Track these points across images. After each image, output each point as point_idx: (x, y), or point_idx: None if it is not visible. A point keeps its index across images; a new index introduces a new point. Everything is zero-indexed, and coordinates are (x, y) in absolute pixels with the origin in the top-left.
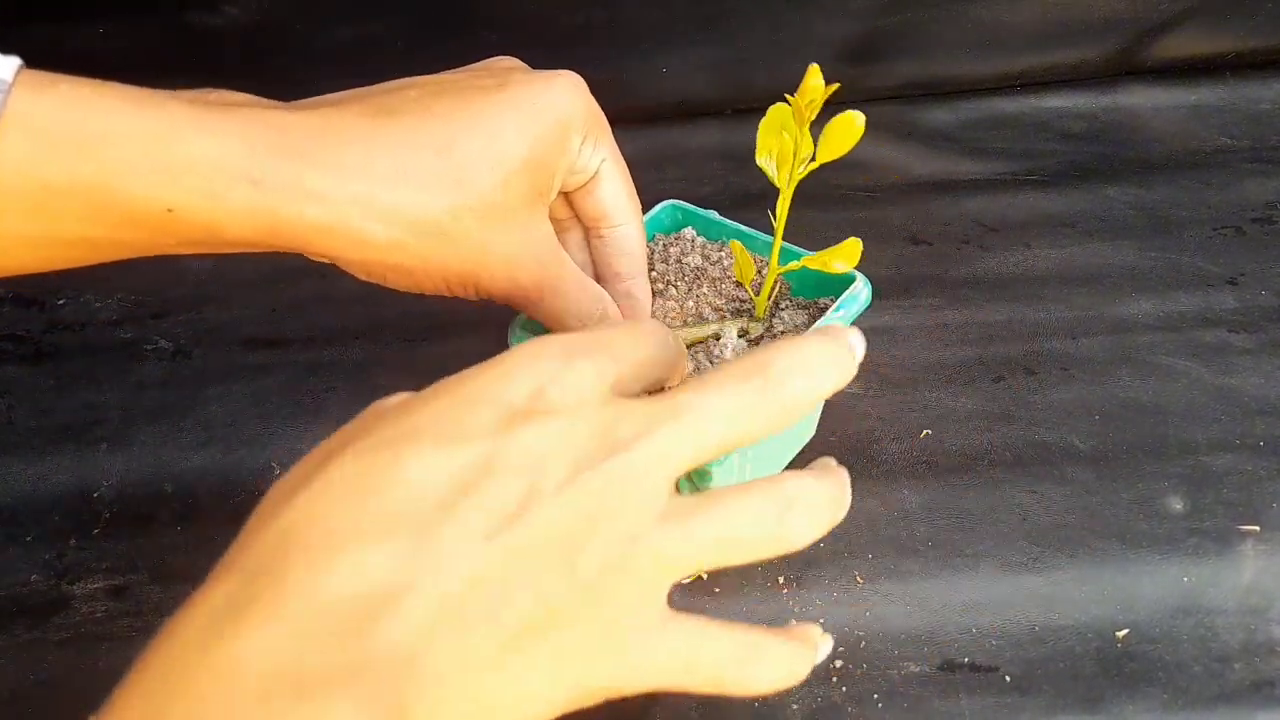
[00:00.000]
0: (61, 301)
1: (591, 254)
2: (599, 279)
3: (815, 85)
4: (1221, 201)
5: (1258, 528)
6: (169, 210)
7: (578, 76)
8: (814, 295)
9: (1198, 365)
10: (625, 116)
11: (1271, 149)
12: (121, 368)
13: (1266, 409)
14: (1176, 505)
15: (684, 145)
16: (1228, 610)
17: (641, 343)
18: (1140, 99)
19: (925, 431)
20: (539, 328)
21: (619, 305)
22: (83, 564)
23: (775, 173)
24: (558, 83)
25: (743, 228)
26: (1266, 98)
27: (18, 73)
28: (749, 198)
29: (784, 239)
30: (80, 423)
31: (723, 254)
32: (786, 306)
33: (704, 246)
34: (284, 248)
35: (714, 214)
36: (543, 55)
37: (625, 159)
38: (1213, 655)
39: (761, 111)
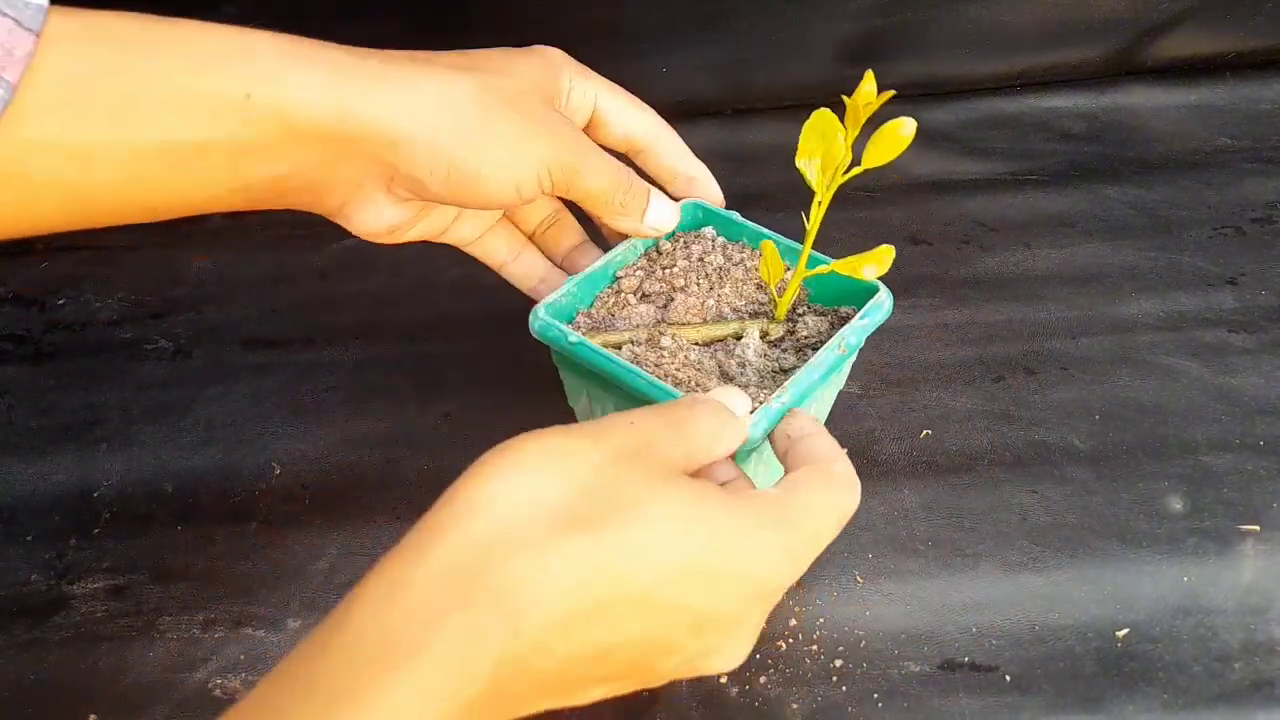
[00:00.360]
0: (61, 301)
1: (648, 176)
2: (664, 189)
3: (869, 90)
4: (1221, 201)
5: (1258, 528)
6: (247, 95)
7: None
8: (832, 303)
9: (1198, 365)
10: None
11: (1271, 149)
12: (121, 368)
13: (1266, 409)
14: (1176, 505)
15: None
16: (1228, 610)
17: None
18: (1140, 99)
19: (925, 431)
20: (561, 312)
21: (689, 191)
22: (83, 564)
23: (815, 177)
24: (540, 47)
25: (764, 230)
26: (1266, 98)
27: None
28: (749, 198)
29: (787, 240)
30: (80, 423)
31: (744, 255)
32: (804, 312)
33: (725, 246)
34: (350, 141)
35: (735, 215)
36: None
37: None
38: (1213, 655)
39: (762, 111)
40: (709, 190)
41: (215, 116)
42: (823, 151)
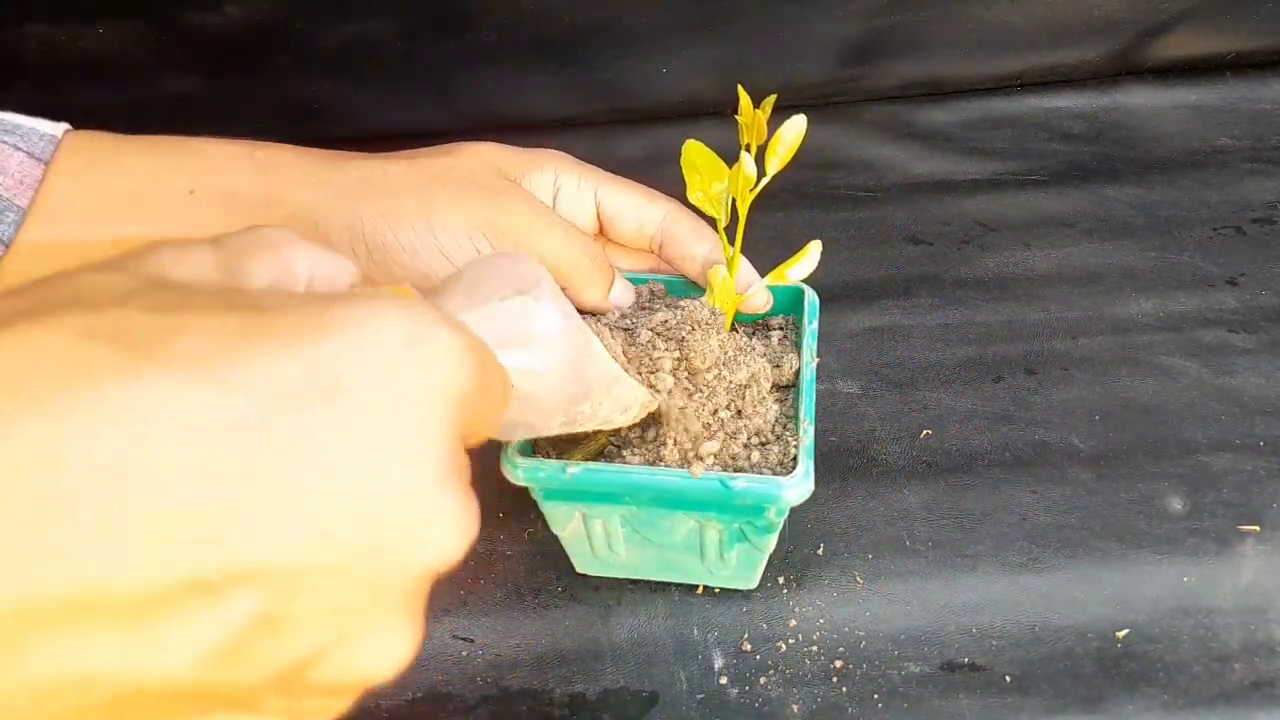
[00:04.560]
0: None
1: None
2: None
3: (746, 104)
4: (1221, 201)
5: (1258, 528)
6: (190, 191)
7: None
8: (752, 318)
9: (1198, 365)
10: (625, 117)
11: (1271, 149)
12: None
13: (1266, 409)
14: (1176, 505)
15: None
16: (1228, 610)
17: None
18: (1140, 99)
19: (925, 431)
20: (525, 446)
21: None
22: None
23: (714, 206)
24: (482, 145)
25: (662, 276)
26: (1266, 98)
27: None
28: None
29: (760, 245)
30: None
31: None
32: (740, 331)
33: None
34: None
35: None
36: (542, 55)
37: (625, 159)
38: (1213, 655)
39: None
40: (744, 274)
41: (167, 210)
42: (710, 180)
